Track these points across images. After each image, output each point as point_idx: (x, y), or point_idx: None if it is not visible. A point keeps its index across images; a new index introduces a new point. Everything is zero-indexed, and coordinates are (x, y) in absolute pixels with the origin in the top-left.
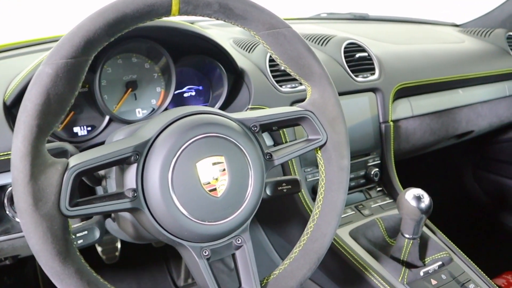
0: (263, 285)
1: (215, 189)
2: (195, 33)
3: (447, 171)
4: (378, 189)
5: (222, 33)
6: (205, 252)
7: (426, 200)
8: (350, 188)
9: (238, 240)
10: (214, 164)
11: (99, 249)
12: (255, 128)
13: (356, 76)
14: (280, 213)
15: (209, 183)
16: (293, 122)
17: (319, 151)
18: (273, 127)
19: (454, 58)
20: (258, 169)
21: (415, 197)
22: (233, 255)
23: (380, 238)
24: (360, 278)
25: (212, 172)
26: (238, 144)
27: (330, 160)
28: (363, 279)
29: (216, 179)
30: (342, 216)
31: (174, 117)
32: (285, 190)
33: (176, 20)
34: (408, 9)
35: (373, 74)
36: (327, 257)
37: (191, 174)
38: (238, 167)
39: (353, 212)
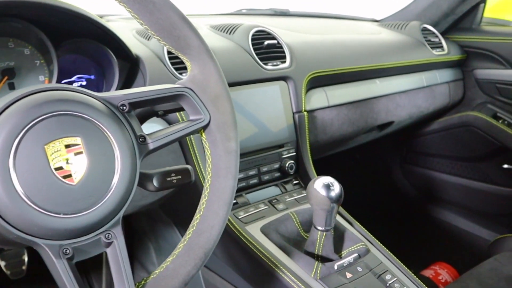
0: (140, 287)
1: (70, 176)
2: (69, 11)
3: (376, 167)
4: (295, 182)
5: (127, 24)
6: (66, 251)
7: (336, 188)
8: (264, 183)
9: (108, 236)
10: (68, 146)
11: (2, 263)
12: (124, 108)
13: (266, 64)
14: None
15: (61, 168)
16: (169, 100)
17: (203, 134)
18: (159, 112)
19: (370, 48)
20: (127, 153)
21: (324, 186)
22: (105, 254)
23: (295, 233)
24: (271, 276)
25: (66, 156)
26: (99, 124)
27: (215, 143)
28: (274, 276)
29: (71, 163)
30: (254, 211)
31: (18, 95)
32: (174, 181)
33: None
34: (333, 7)
35: (284, 62)
36: (238, 256)
37: (38, 158)
38: (100, 150)
39: (266, 207)
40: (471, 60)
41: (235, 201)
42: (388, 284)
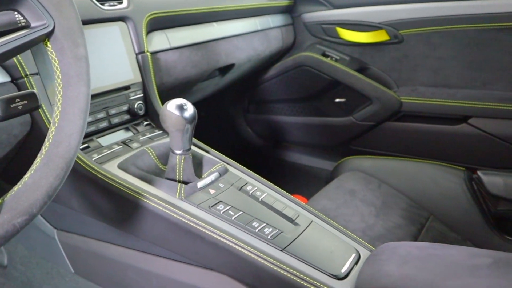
0: None
1: None
2: None
3: (221, 122)
4: (146, 123)
5: None
6: None
7: (190, 108)
8: (115, 126)
9: None
10: None
11: None
12: None
13: (102, 4)
14: None
15: None
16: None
17: (48, 43)
18: None
19: None
20: None
21: (178, 107)
22: None
23: (153, 166)
24: (135, 206)
25: None
26: None
27: (63, 50)
28: (139, 205)
29: None
30: (108, 152)
31: None
32: (20, 107)
33: None
34: None
35: (121, 2)
36: (97, 197)
37: None
38: None
39: (120, 147)
40: (298, 5)
41: (86, 145)
42: (250, 193)
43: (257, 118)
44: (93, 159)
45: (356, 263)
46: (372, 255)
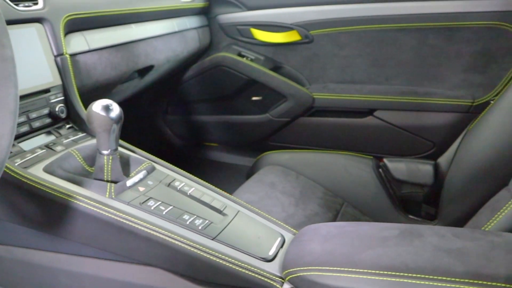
0: None
1: None
2: None
3: (142, 124)
4: (68, 126)
5: None
6: None
7: (116, 109)
8: (36, 130)
9: None
10: None
11: None
12: None
13: (17, 4)
14: None
15: None
16: None
17: None
18: None
19: None
20: None
21: (104, 107)
22: None
23: (80, 168)
24: (65, 208)
25: None
26: None
27: None
28: (68, 207)
29: None
30: (32, 156)
31: None
32: None
33: None
34: None
35: (36, 3)
36: (24, 203)
37: None
38: None
39: (44, 150)
40: (214, 7)
41: None
42: (178, 189)
43: (177, 119)
44: (16, 164)
45: (282, 246)
46: (296, 237)
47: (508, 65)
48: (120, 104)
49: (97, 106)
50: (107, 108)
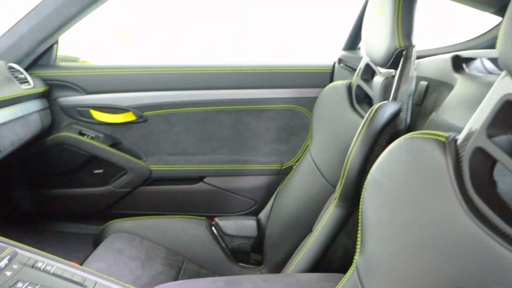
0: None
1: None
2: None
3: None
4: None
5: None
6: None
7: None
8: None
9: None
10: None
11: None
12: None
13: None
14: None
15: None
16: None
17: None
18: None
19: None
20: None
21: None
22: None
23: None
24: None
25: None
26: None
27: None
28: None
29: None
30: None
31: None
32: None
33: None
34: None
35: None
36: None
37: None
38: None
39: None
40: (54, 90)
41: None
42: (42, 269)
43: (22, 194)
44: None
45: None
46: None
47: (304, 137)
48: None
49: None
50: None
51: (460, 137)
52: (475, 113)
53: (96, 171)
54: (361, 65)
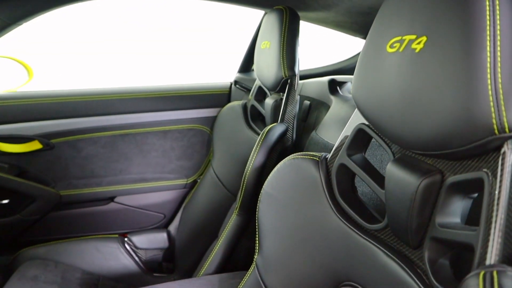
0: None
1: None
2: None
3: None
4: None
5: None
6: None
7: None
8: None
9: None
10: None
11: None
12: None
13: None
14: None
15: None
16: None
17: None
18: None
19: None
20: None
21: None
22: None
23: None
24: None
25: None
26: None
27: None
28: None
29: None
30: None
31: None
32: None
33: None
34: None
35: None
36: None
37: None
38: None
39: None
40: None
41: None
42: None
43: None
44: None
45: None
46: None
47: (206, 152)
48: None
49: None
50: None
51: (329, 156)
52: (340, 135)
53: (2, 202)
54: (254, 87)
